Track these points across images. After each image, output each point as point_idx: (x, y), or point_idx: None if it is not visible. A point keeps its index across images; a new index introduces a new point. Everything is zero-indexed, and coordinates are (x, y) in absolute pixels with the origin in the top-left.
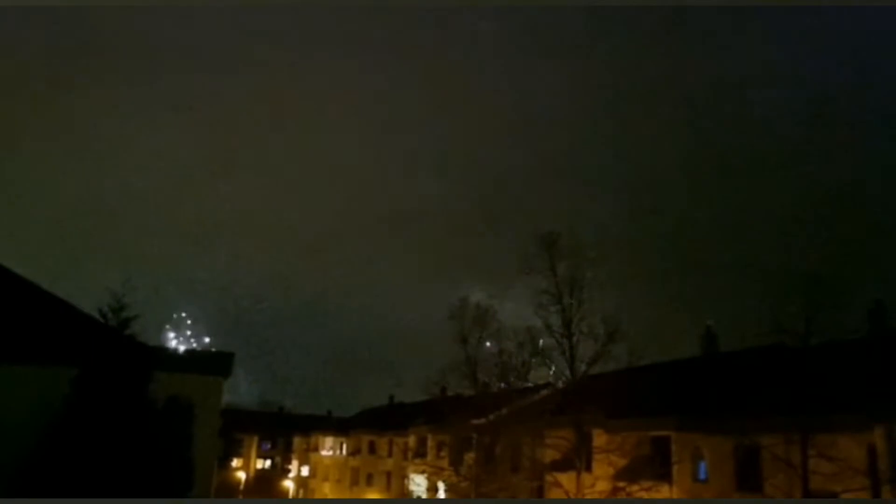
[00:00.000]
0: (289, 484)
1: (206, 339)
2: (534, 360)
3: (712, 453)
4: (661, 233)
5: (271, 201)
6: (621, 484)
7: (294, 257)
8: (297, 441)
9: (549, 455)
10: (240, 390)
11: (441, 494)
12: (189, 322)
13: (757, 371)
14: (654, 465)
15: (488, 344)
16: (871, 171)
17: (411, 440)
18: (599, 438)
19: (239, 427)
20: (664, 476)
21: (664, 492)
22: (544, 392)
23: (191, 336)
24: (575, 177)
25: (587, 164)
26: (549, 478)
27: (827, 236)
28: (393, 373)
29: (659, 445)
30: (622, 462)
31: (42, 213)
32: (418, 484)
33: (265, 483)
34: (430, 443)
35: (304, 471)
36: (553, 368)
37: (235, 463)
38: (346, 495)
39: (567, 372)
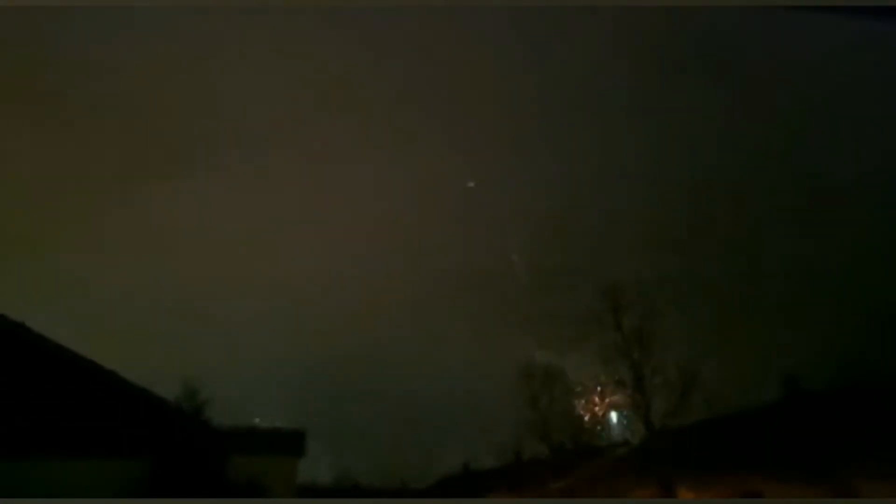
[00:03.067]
0: None
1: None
2: (608, 418)
3: None
4: (729, 273)
5: (321, 269)
6: None
7: (352, 327)
8: None
9: None
10: (313, 468)
11: None
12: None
13: (847, 413)
14: None
15: (559, 404)
16: None
17: None
18: (685, 496)
19: None
20: None
21: None
22: (622, 450)
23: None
24: (629, 222)
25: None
26: None
27: None
28: (466, 440)
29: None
30: None
31: (107, 296)
32: None
33: None
34: None
35: None
36: (628, 424)
37: None
38: None
39: (643, 428)
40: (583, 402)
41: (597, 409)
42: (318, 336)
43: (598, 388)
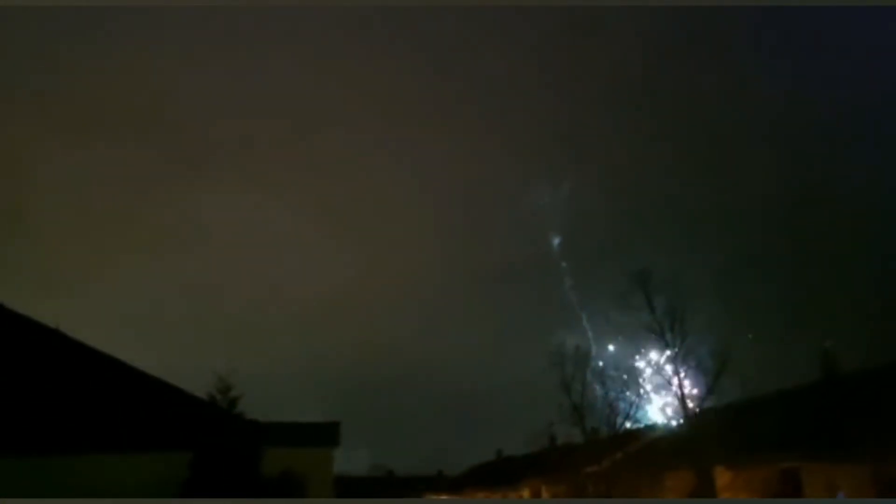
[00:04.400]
0: None
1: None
2: (641, 400)
3: (849, 484)
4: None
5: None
6: None
7: (387, 320)
8: None
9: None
10: (349, 458)
11: None
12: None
13: (886, 392)
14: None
15: (592, 388)
16: None
17: (525, 494)
18: (723, 477)
19: (351, 495)
20: None
21: None
22: (657, 432)
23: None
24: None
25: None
26: None
27: None
28: (499, 427)
29: (789, 480)
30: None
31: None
32: None
33: None
34: (544, 495)
35: None
36: (662, 407)
37: None
38: None
39: (678, 409)
40: (616, 385)
41: (630, 391)
42: (354, 329)
43: (632, 371)
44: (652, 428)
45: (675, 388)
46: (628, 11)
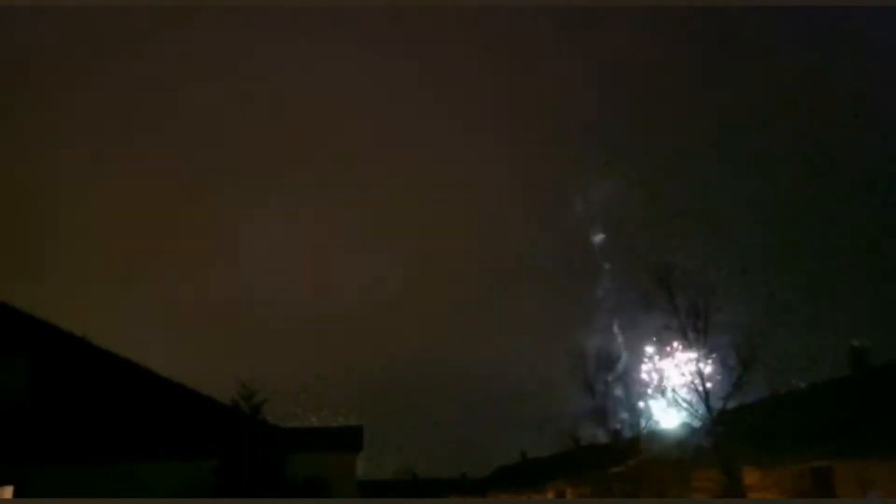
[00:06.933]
0: None
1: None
2: (664, 400)
3: (885, 480)
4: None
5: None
6: None
7: (415, 321)
8: None
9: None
10: (374, 461)
11: None
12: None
13: None
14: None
15: (615, 388)
16: None
17: (550, 495)
18: (751, 476)
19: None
20: None
21: None
22: (681, 432)
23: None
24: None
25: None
26: None
27: None
28: (523, 428)
29: (820, 478)
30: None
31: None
32: None
33: None
34: (569, 496)
35: None
36: (687, 406)
37: None
38: None
39: (703, 409)
40: (640, 385)
41: (654, 391)
42: (377, 331)
43: (655, 371)
44: (677, 428)
45: (697, 386)
46: (669, 10)
